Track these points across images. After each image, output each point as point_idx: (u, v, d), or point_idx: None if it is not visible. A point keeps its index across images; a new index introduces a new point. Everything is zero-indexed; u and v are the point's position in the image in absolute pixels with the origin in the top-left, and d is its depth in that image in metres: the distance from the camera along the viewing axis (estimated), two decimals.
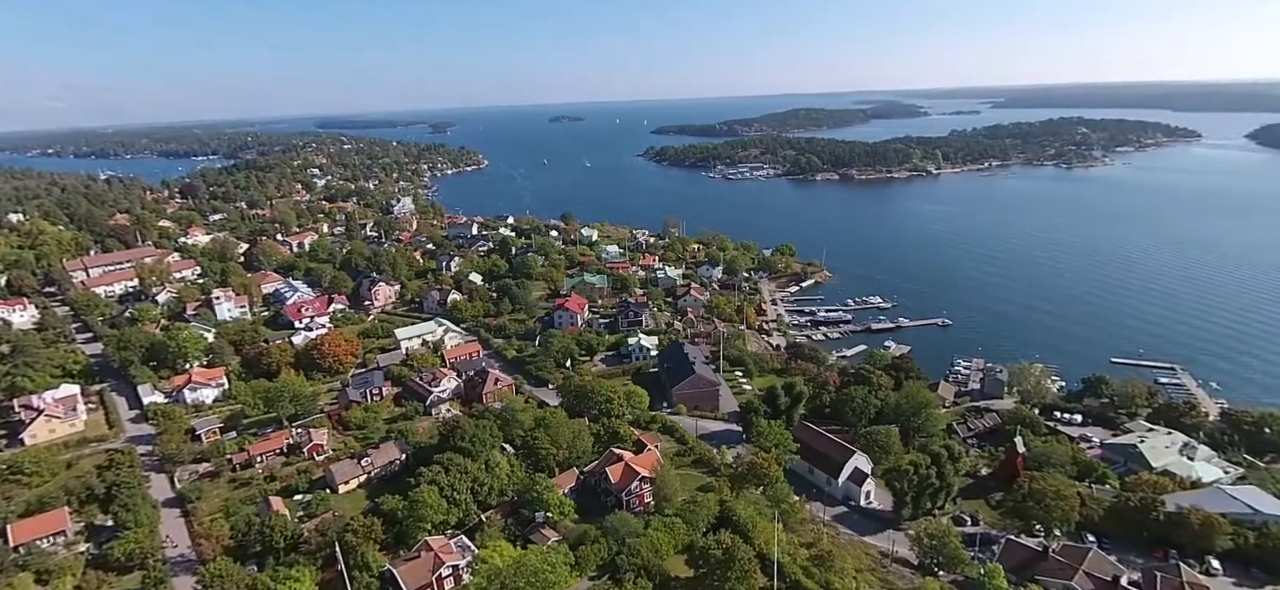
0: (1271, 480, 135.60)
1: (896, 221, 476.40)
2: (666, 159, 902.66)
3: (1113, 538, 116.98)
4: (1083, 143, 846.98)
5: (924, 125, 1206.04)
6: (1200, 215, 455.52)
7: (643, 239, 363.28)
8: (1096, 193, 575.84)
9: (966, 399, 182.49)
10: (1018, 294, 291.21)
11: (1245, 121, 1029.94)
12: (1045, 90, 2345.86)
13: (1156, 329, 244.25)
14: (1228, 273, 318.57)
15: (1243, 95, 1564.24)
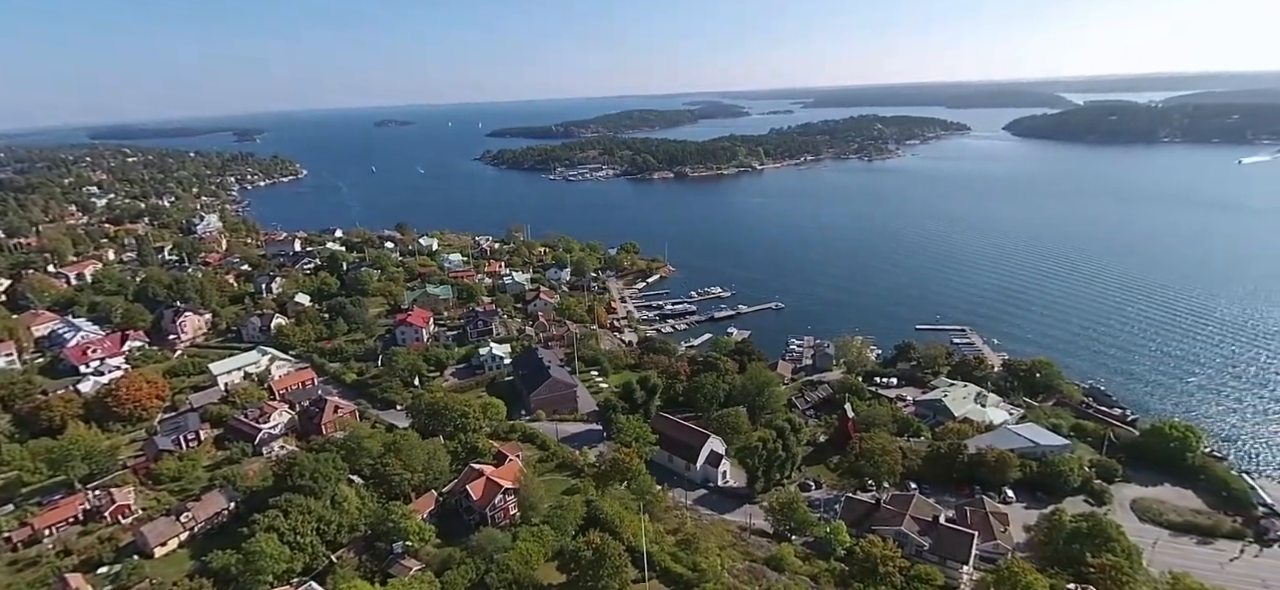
0: (1045, 416, 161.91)
1: (730, 215, 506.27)
2: (505, 162, 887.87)
3: (930, 482, 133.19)
4: (879, 137, 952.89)
5: (746, 125, 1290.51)
6: (974, 197, 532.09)
7: (486, 245, 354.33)
8: (894, 181, 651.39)
9: (802, 375, 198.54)
10: (837, 275, 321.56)
11: (1004, 115, 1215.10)
12: (847, 91, 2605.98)
13: (948, 297, 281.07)
14: (997, 244, 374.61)
15: (1002, 93, 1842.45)
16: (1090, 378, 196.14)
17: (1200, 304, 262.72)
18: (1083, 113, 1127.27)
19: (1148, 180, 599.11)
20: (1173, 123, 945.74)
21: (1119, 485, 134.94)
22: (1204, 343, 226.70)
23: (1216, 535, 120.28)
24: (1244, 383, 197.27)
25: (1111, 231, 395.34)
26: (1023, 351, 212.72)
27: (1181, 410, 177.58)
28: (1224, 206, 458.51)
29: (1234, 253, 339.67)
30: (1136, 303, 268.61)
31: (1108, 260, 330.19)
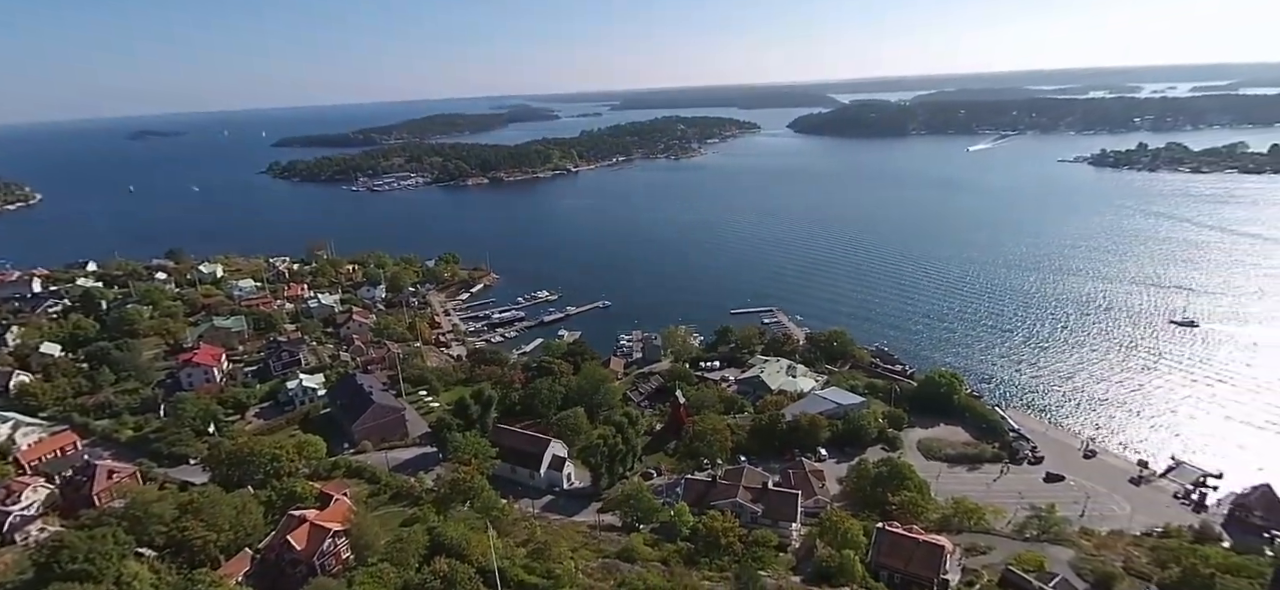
0: (844, 379, 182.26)
1: (550, 218, 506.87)
2: (298, 174, 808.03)
3: (757, 453, 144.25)
4: (683, 137, 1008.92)
5: (557, 127, 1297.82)
6: (770, 188, 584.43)
7: (284, 267, 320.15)
8: (700, 177, 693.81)
9: (634, 368, 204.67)
10: (658, 269, 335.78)
11: (788, 114, 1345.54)
12: (650, 94, 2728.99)
13: (756, 281, 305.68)
14: (792, 229, 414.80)
15: (785, 95, 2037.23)
16: (876, 341, 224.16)
17: (954, 268, 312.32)
18: (849, 111, 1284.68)
19: (905, 167, 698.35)
20: (919, 118, 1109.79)
21: (907, 431, 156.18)
22: (960, 301, 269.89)
23: (982, 461, 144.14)
24: (991, 332, 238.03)
25: (882, 211, 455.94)
26: (821, 324, 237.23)
27: (948, 360, 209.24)
28: (960, 186, 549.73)
29: (971, 222, 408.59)
30: (907, 271, 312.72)
31: (882, 237, 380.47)
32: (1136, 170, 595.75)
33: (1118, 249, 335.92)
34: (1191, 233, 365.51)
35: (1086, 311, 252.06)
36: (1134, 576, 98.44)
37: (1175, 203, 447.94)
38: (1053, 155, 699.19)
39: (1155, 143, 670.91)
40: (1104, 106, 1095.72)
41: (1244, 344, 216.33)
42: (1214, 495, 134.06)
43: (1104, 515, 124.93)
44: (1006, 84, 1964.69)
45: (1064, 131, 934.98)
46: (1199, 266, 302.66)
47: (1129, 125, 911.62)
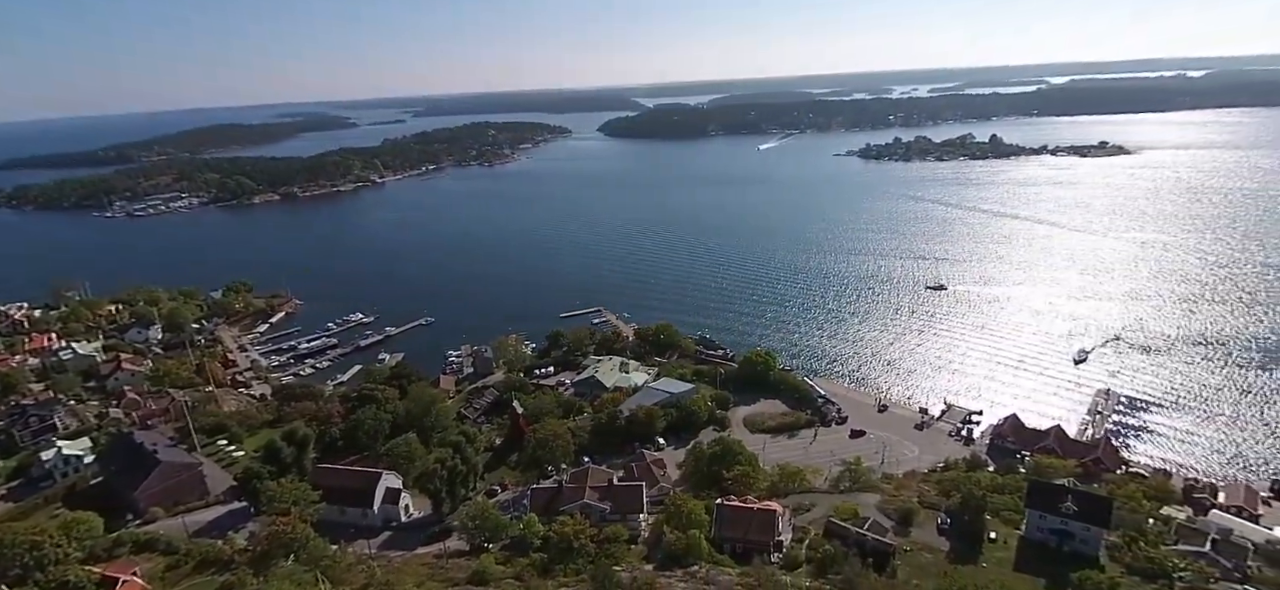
0: (674, 369, 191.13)
1: (358, 234, 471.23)
2: (31, 201, 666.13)
3: (599, 451, 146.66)
4: (495, 143, 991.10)
5: (357, 136, 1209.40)
6: (586, 190, 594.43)
7: (20, 315, 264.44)
8: (515, 183, 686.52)
9: (466, 384, 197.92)
10: (482, 279, 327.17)
11: (596, 118, 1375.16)
12: (457, 99, 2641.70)
13: (582, 282, 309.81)
14: (611, 229, 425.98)
15: (592, 99, 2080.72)
16: (699, 330, 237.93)
17: (759, 256, 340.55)
18: (654, 114, 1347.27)
19: (708, 166, 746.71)
20: (716, 120, 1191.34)
21: (733, 410, 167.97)
22: (768, 286, 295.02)
23: (798, 428, 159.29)
24: (795, 310, 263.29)
25: (692, 208, 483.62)
26: (648, 319, 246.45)
27: (762, 340, 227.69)
28: (757, 181, 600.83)
29: (771, 214, 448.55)
30: (719, 263, 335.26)
31: (695, 232, 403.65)
32: (895, 161, 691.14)
33: (886, 228, 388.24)
34: (939, 211, 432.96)
35: (867, 285, 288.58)
36: (927, 507, 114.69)
37: (925, 187, 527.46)
38: (830, 150, 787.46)
39: (907, 137, 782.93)
40: (865, 107, 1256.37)
41: (986, 300, 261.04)
42: (978, 429, 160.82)
43: (899, 459, 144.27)
44: (788, 88, 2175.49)
45: (836, 130, 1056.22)
46: (946, 239, 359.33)
47: (886, 123, 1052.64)
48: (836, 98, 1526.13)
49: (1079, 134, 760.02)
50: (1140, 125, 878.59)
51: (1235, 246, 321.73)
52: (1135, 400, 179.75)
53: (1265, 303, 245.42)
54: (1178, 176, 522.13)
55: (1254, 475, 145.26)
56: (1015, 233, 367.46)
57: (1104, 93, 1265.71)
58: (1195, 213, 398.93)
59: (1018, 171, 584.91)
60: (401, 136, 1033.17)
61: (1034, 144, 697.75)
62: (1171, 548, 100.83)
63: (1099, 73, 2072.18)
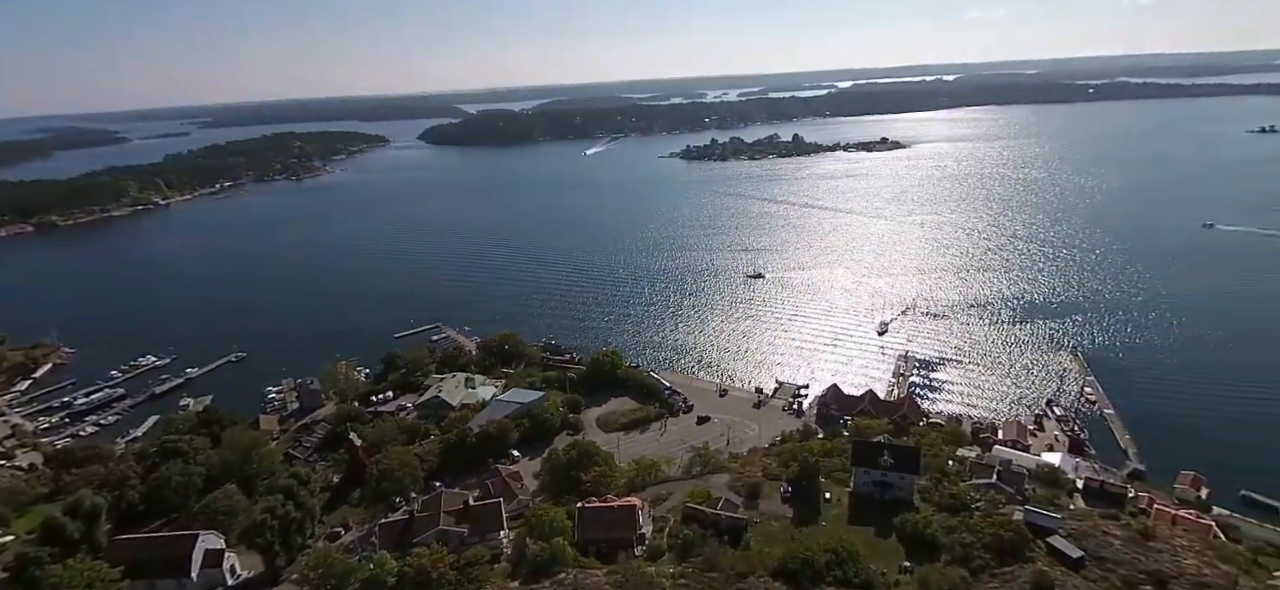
0: (522, 378, 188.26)
1: (142, 265, 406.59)
2: None
3: (451, 473, 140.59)
4: (303, 156, 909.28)
5: (130, 153, 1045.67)
6: (410, 203, 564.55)
7: None
8: (330, 198, 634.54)
9: (292, 422, 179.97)
10: (299, 305, 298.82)
11: (417, 126, 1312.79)
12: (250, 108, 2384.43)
13: (415, 298, 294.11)
14: (442, 242, 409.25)
15: (412, 106, 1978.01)
16: (543, 336, 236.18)
17: (599, 257, 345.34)
18: (479, 120, 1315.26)
19: (538, 171, 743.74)
20: (542, 125, 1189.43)
21: (585, 412, 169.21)
22: (610, 286, 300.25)
23: (649, 422, 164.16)
24: (638, 307, 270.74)
25: (527, 214, 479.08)
26: (490, 330, 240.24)
27: (608, 340, 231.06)
28: (589, 185, 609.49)
29: (606, 216, 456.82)
30: (559, 267, 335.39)
31: (531, 238, 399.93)
32: (714, 161, 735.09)
33: (711, 224, 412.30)
34: (756, 205, 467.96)
35: (699, 278, 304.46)
36: (771, 479, 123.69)
37: (742, 184, 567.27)
38: (654, 153, 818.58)
39: (722, 138, 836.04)
40: (684, 111, 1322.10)
41: (802, 284, 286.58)
42: (806, 401, 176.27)
43: (742, 439, 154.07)
44: (610, 93, 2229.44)
45: (659, 133, 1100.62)
46: (763, 230, 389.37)
47: (703, 125, 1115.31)
48: (657, 102, 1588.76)
49: (865, 132, 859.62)
50: (911, 123, 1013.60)
51: (992, 222, 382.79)
52: (929, 360, 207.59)
53: (1018, 267, 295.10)
54: (944, 166, 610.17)
55: (1022, 412, 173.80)
56: (821, 222, 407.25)
57: (881, 95, 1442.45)
58: (960, 195, 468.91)
59: (819, 167, 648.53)
60: (186, 151, 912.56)
61: (830, 142, 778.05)
62: (968, 483, 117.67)
63: (876, 78, 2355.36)
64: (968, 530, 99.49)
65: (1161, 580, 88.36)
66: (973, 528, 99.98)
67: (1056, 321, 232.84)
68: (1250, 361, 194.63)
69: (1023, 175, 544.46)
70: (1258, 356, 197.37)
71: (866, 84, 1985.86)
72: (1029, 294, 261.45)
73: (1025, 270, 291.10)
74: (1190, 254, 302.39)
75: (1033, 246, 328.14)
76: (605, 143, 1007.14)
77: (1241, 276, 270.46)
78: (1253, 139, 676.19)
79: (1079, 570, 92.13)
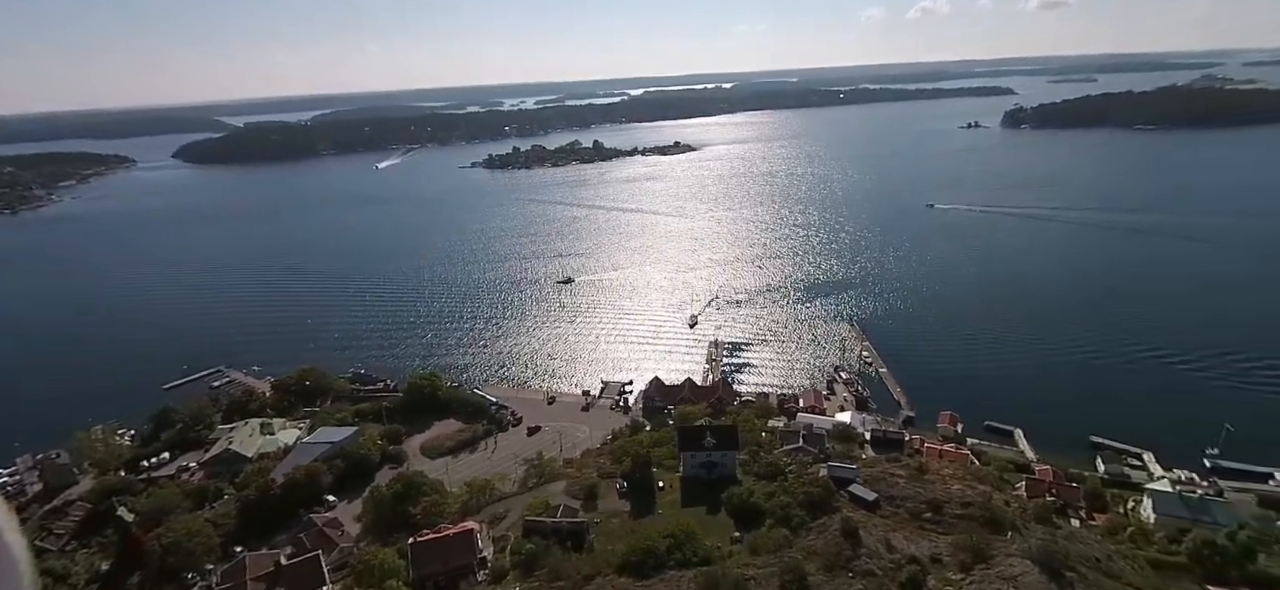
0: (331, 416, 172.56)
1: None
2: None
3: (256, 534, 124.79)
4: (18, 184, 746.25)
5: None
6: (170, 231, 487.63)
7: None
8: (59, 233, 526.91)
9: (36, 506, 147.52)
10: (31, 368, 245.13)
11: (169, 142, 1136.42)
12: None
13: (189, 344, 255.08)
14: (213, 276, 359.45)
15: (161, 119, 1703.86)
16: (351, 366, 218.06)
17: (408, 276, 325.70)
18: (246, 134, 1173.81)
19: (327, 188, 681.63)
20: (326, 138, 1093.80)
21: (407, 441, 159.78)
22: (423, 304, 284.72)
23: (477, 441, 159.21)
24: (455, 324, 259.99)
25: (315, 236, 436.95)
26: (284, 367, 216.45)
27: (424, 362, 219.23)
28: (382, 200, 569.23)
29: (409, 232, 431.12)
30: (363, 289, 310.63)
31: (325, 261, 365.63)
32: (517, 169, 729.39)
33: (520, 233, 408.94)
34: (563, 211, 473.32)
35: (514, 288, 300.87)
36: (606, 478, 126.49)
37: (548, 191, 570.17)
38: (454, 164, 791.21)
39: (524, 146, 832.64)
40: (482, 119, 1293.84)
41: (618, 285, 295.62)
42: (632, 397, 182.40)
43: (574, 442, 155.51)
44: (401, 102, 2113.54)
45: (457, 142, 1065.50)
46: (572, 236, 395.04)
47: (502, 134, 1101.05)
48: (453, 111, 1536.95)
49: (659, 136, 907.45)
50: (699, 127, 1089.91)
51: (776, 214, 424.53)
52: (736, 344, 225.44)
53: (800, 253, 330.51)
54: (731, 166, 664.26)
55: (816, 380, 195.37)
56: (629, 223, 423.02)
57: (670, 102, 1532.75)
58: (747, 192, 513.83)
59: (621, 171, 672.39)
60: None
61: (629, 147, 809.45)
62: (780, 450, 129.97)
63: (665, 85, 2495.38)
64: (784, 493, 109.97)
65: (937, 506, 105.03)
66: (788, 489, 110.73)
67: (834, 297, 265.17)
68: (977, 312, 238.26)
69: (795, 171, 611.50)
70: (983, 308, 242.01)
71: (657, 91, 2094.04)
72: (812, 275, 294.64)
73: (806, 255, 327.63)
74: (921, 229, 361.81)
75: (810, 233, 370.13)
76: (400, 154, 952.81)
77: (961, 244, 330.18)
78: (961, 133, 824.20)
79: (876, 511, 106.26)
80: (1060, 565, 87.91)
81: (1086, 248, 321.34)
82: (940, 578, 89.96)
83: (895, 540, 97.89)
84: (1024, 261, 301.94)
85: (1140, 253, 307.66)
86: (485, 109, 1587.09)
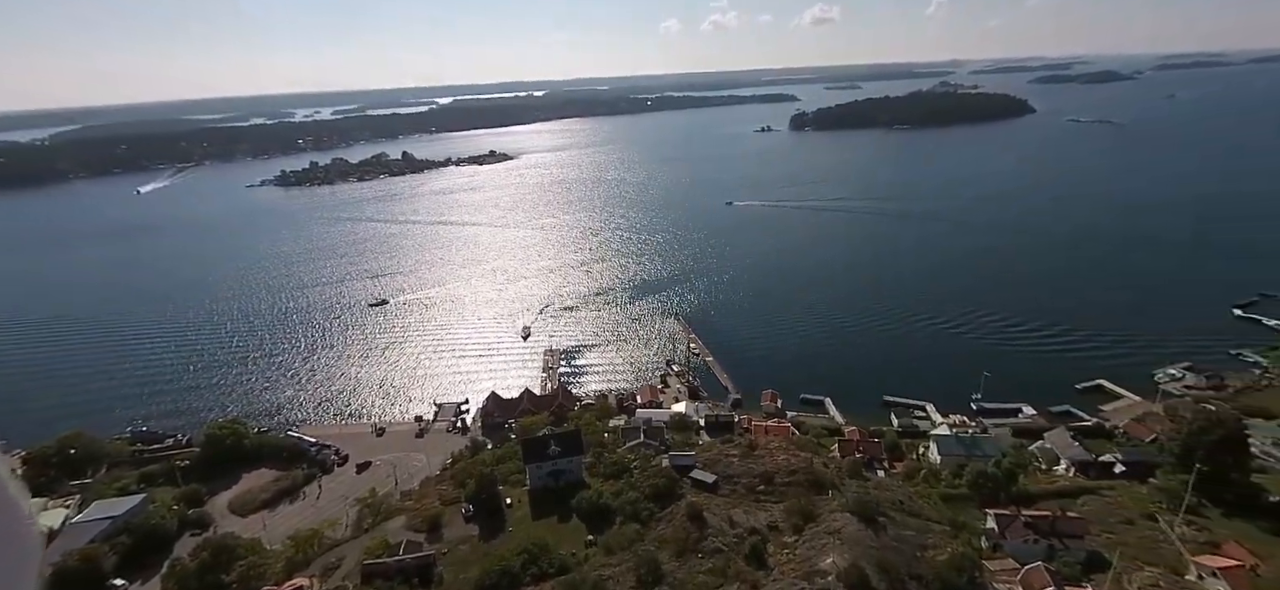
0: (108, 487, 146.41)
1: None
2: None
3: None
4: None
5: None
6: None
7: None
8: None
9: None
10: None
11: None
12: None
13: None
14: None
15: None
16: (129, 426, 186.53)
17: (193, 314, 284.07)
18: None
19: (74, 220, 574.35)
20: (72, 159, 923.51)
21: (211, 501, 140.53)
22: (211, 344, 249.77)
23: (298, 488, 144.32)
24: (259, 363, 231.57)
25: (61, 275, 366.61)
26: (39, 435, 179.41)
27: (224, 409, 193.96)
28: (146, 231, 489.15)
29: (180, 265, 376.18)
30: (130, 335, 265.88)
31: (76, 302, 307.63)
32: (317, 185, 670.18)
33: (326, 255, 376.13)
34: (375, 228, 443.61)
35: (325, 316, 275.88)
36: (450, 504, 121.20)
37: (355, 207, 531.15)
38: (239, 182, 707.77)
39: (323, 160, 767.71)
40: (272, 132, 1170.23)
41: (443, 302, 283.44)
42: (469, 416, 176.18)
43: (411, 473, 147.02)
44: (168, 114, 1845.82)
45: (242, 158, 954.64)
46: (387, 254, 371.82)
47: (296, 148, 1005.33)
48: (234, 124, 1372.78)
49: (474, 146, 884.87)
50: (514, 136, 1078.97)
51: (599, 219, 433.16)
52: (571, 349, 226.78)
53: (627, 255, 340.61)
54: (551, 173, 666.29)
55: (651, 375, 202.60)
56: (450, 236, 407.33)
57: (482, 110, 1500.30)
58: (570, 198, 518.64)
59: (435, 183, 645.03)
60: None
61: (441, 157, 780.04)
62: (623, 448, 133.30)
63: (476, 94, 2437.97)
64: (631, 488, 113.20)
65: (769, 477, 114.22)
66: (634, 485, 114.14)
67: (661, 294, 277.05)
68: (784, 297, 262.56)
69: (613, 176, 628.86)
70: (788, 294, 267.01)
71: (468, 100, 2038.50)
72: (638, 275, 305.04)
73: (631, 256, 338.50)
74: (725, 226, 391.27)
75: (632, 235, 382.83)
76: (169, 176, 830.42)
77: (763, 237, 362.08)
78: (756, 136, 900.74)
79: (717, 491, 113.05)
80: (874, 512, 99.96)
81: (866, 233, 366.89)
82: (778, 543, 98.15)
83: (736, 515, 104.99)
84: (817, 249, 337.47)
85: (908, 234, 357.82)
86: (275, 121, 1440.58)
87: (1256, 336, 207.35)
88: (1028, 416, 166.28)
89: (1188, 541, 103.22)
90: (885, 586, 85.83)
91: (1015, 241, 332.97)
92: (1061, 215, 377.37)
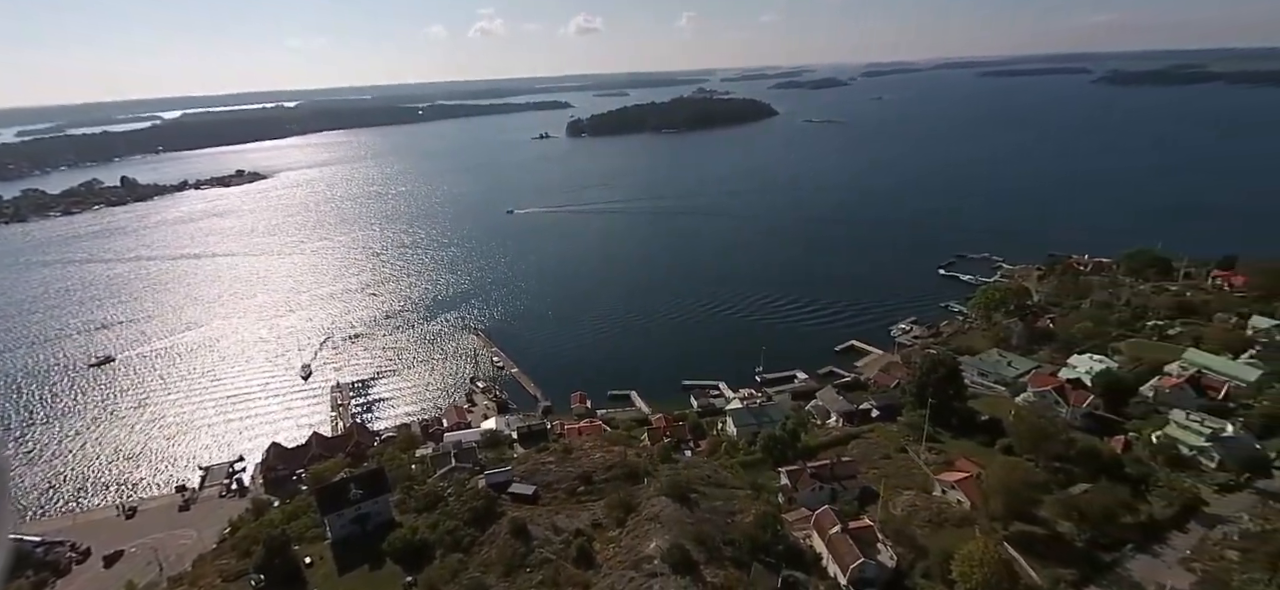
0: None
1: None
2: None
3: None
4: None
5: None
6: None
7: None
8: None
9: None
10: None
11: None
12: None
13: None
14: None
15: None
16: None
17: None
18: None
19: None
20: None
21: None
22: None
23: None
24: None
25: None
26: None
27: None
28: None
29: None
30: None
31: None
32: (6, 224, 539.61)
33: (33, 309, 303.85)
34: (93, 271, 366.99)
35: (41, 383, 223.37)
36: (232, 580, 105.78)
37: (63, 248, 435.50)
38: None
39: (10, 193, 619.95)
40: None
41: (196, 349, 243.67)
42: (247, 474, 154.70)
43: (179, 553, 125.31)
44: None
45: None
46: (112, 301, 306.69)
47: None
48: None
49: (217, 165, 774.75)
50: (266, 152, 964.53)
51: (377, 237, 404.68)
52: (363, 382, 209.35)
53: (413, 272, 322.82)
54: (315, 191, 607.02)
55: (456, 396, 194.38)
56: (197, 272, 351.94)
57: (222, 124, 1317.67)
58: (340, 217, 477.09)
59: (170, 210, 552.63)
60: None
61: (175, 181, 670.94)
62: (434, 477, 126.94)
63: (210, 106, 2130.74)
64: (448, 517, 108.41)
65: (587, 477, 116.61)
66: (451, 513, 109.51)
67: (455, 310, 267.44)
68: (578, 300, 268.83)
69: (387, 190, 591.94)
70: (581, 296, 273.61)
71: (201, 113, 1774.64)
72: (428, 293, 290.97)
73: (418, 273, 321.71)
74: (507, 234, 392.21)
75: (414, 251, 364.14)
76: None
77: (548, 243, 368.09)
78: (534, 143, 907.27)
79: (537, 501, 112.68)
80: (686, 491, 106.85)
81: (647, 232, 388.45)
82: (603, 538, 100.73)
83: (559, 521, 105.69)
84: (603, 250, 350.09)
85: (685, 230, 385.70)
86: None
87: (956, 290, 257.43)
88: (801, 380, 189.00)
89: (930, 464, 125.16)
90: (704, 557, 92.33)
91: (780, 227, 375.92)
92: (816, 202, 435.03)
